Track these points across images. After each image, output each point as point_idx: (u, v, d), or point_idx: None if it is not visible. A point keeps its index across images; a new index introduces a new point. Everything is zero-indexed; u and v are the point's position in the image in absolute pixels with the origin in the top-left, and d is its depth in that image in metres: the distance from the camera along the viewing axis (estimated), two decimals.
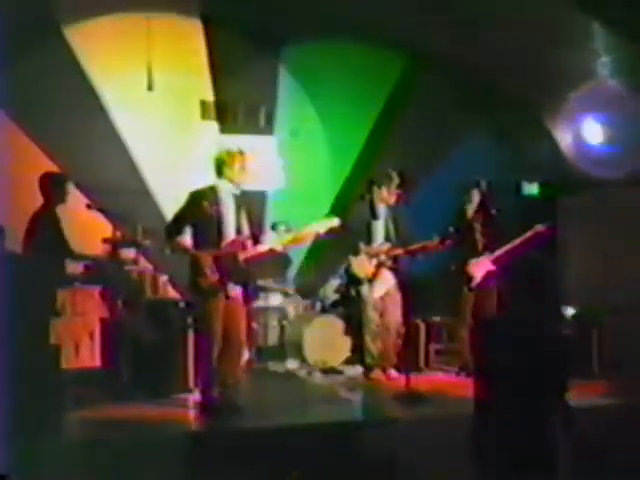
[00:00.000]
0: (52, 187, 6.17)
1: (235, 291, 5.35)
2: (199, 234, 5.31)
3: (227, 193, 5.39)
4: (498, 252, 6.88)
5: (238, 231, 5.38)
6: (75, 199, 6.52)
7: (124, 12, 7.65)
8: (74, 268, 6.12)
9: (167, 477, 4.21)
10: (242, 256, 5.29)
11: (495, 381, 4.03)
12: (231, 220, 5.36)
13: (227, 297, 5.30)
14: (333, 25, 7.71)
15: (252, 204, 5.59)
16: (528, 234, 6.81)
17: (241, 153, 5.45)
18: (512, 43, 6.80)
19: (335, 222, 5.49)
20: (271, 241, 5.46)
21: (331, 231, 5.53)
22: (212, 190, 5.38)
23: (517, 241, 6.83)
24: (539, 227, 6.82)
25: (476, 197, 7.06)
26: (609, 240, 7.16)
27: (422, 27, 7.22)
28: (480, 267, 6.94)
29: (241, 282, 5.37)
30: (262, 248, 5.41)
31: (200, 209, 5.28)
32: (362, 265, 6.94)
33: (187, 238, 5.30)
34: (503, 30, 6.68)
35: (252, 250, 5.35)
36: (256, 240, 5.43)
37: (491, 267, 6.92)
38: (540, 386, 4.04)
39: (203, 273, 5.17)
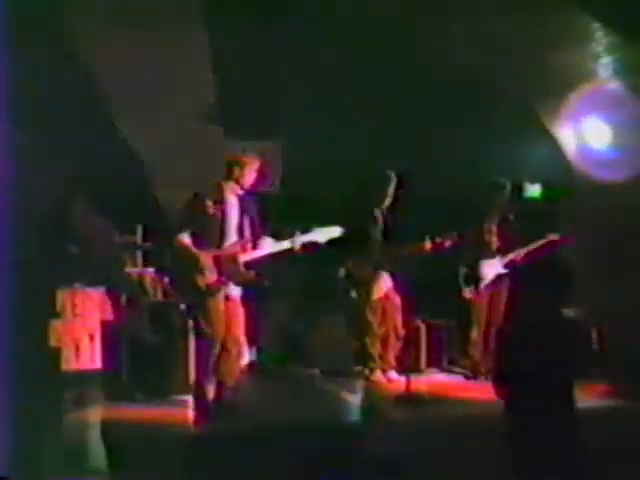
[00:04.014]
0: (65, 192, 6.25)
1: (234, 292, 5.36)
2: (200, 233, 5.32)
3: (232, 194, 5.40)
4: (510, 256, 6.88)
5: (240, 233, 5.39)
6: (77, 201, 6.55)
7: (126, 14, 7.65)
8: None
9: (167, 478, 4.21)
10: (242, 259, 5.30)
11: (523, 384, 4.07)
12: (234, 221, 5.37)
13: (227, 298, 5.31)
14: (334, 27, 7.71)
15: (255, 207, 5.59)
16: (541, 242, 6.81)
17: (253, 157, 5.50)
18: (512, 43, 6.80)
19: (337, 232, 5.50)
20: (269, 246, 5.44)
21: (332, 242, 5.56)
22: (217, 190, 5.39)
23: (530, 247, 6.83)
24: (552, 236, 6.82)
25: (499, 199, 7.10)
26: (610, 241, 7.15)
27: (422, 27, 7.22)
28: (491, 268, 6.95)
29: (241, 284, 5.38)
30: (262, 252, 5.41)
31: (203, 208, 5.29)
32: (359, 267, 6.95)
33: (187, 237, 5.31)
34: (503, 30, 6.67)
35: (252, 253, 5.36)
36: (256, 244, 5.43)
37: (502, 270, 6.92)
38: (561, 387, 4.10)
39: (202, 273, 5.18)
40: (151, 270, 6.76)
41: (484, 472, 4.27)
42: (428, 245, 6.70)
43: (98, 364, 5.90)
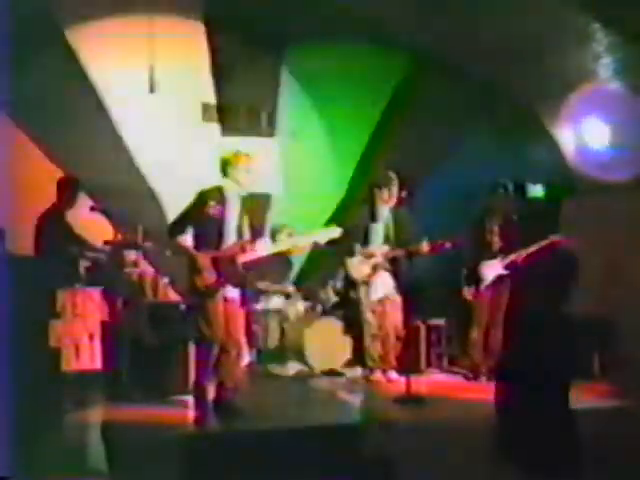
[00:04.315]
0: (68, 191, 6.23)
1: (232, 294, 5.35)
2: (200, 234, 5.31)
3: (234, 194, 5.39)
4: (511, 257, 6.87)
5: (239, 234, 5.39)
6: (79, 201, 6.54)
7: (126, 13, 7.66)
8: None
9: (167, 478, 4.20)
10: (241, 260, 5.30)
11: (524, 384, 4.08)
12: (233, 222, 5.36)
13: (225, 299, 5.30)
14: (334, 27, 7.72)
15: (256, 207, 5.57)
16: (543, 243, 6.79)
17: (247, 155, 5.46)
18: (512, 43, 6.80)
19: (337, 233, 5.46)
20: (268, 247, 5.41)
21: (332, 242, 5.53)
22: (219, 190, 5.38)
23: (531, 249, 6.81)
24: (554, 237, 6.80)
25: (502, 199, 7.09)
26: (610, 242, 7.15)
27: (422, 28, 7.22)
28: (491, 269, 6.95)
29: (239, 285, 5.37)
30: (261, 253, 5.39)
31: (204, 209, 5.28)
32: (358, 267, 6.94)
33: (188, 238, 5.30)
34: (503, 30, 6.68)
35: (251, 254, 5.34)
36: (254, 245, 5.40)
37: (502, 271, 6.92)
38: (562, 387, 4.11)
39: (201, 274, 5.17)
40: (151, 270, 6.75)
41: (484, 472, 4.27)
42: (426, 247, 6.68)
43: (98, 364, 5.90)
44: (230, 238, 5.33)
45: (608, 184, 7.17)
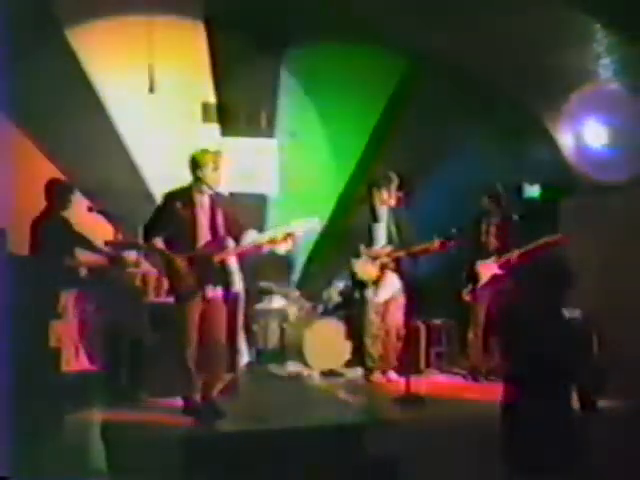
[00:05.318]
0: (58, 194, 6.22)
1: (214, 293, 5.31)
2: (174, 236, 5.27)
3: (202, 194, 5.34)
4: (506, 257, 6.87)
5: (214, 233, 5.31)
6: (77, 202, 6.54)
7: (126, 14, 7.66)
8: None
9: (167, 478, 4.21)
10: (218, 258, 5.26)
11: (524, 384, 4.09)
12: (205, 222, 5.30)
13: (206, 299, 5.27)
14: (334, 27, 7.72)
15: (230, 205, 5.49)
16: (538, 243, 6.79)
17: (215, 153, 5.41)
18: (512, 43, 6.81)
19: (314, 223, 5.40)
20: (246, 243, 5.35)
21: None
22: (186, 191, 5.34)
23: (526, 248, 6.80)
24: (548, 237, 6.79)
25: (499, 199, 7.08)
26: (610, 242, 7.15)
27: (422, 28, 7.23)
28: (487, 269, 6.95)
29: (219, 283, 5.32)
30: (241, 249, 5.35)
31: (174, 210, 5.25)
32: (365, 268, 6.92)
33: (160, 241, 5.27)
34: (503, 30, 6.68)
35: (231, 251, 5.32)
36: (237, 241, 5.35)
37: (497, 271, 6.92)
38: (561, 387, 4.12)
39: (179, 276, 5.16)
40: (154, 271, 6.75)
41: (484, 472, 4.27)
42: (437, 244, 6.66)
43: (98, 364, 5.90)
44: (204, 238, 5.28)
45: (607, 184, 7.18)
